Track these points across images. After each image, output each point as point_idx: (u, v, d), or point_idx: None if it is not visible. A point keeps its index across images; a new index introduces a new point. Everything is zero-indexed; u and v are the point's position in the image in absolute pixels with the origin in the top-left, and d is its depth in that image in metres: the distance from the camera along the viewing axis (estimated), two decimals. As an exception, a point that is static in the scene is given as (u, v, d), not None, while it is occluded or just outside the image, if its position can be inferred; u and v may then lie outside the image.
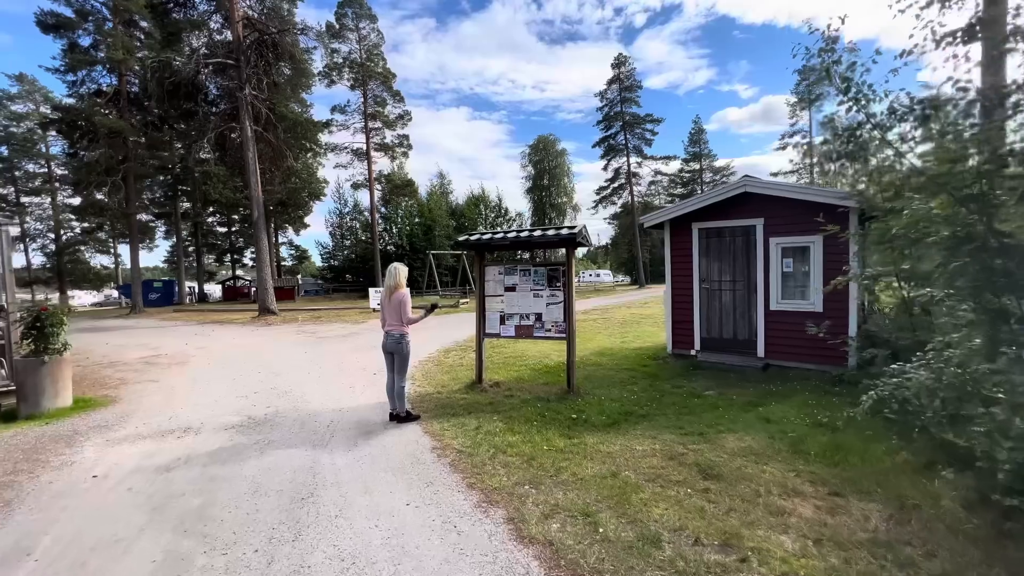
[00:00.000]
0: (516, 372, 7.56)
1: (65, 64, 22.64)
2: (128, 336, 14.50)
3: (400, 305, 4.93)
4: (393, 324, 5.02)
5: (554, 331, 6.24)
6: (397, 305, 4.95)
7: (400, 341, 4.98)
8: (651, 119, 41.35)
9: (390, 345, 5.02)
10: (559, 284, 6.23)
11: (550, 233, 5.91)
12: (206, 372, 8.38)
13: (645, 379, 6.82)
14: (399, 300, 4.94)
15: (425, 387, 6.72)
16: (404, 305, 4.93)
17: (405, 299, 4.94)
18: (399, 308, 4.94)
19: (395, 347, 4.99)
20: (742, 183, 7.05)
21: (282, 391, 6.76)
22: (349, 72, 33.22)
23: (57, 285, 39.97)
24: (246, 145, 18.54)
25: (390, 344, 5.01)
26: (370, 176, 35.23)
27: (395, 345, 4.99)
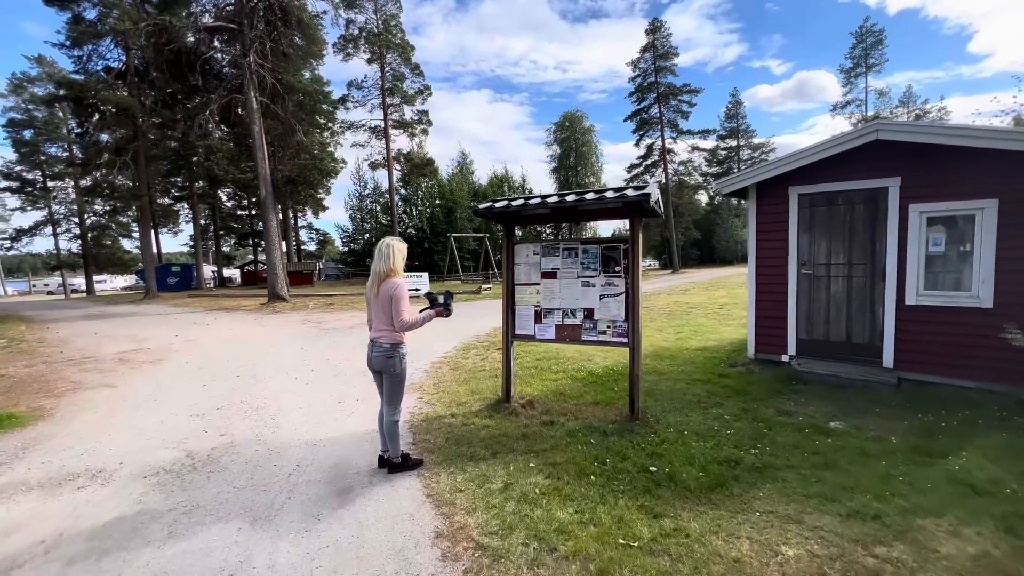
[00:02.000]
0: (553, 382, 5.86)
1: (70, 38, 21.56)
2: (122, 325, 13.41)
3: (392, 302, 3.26)
4: (381, 329, 3.36)
5: (611, 333, 4.50)
6: (387, 301, 3.28)
7: (391, 355, 3.33)
8: (688, 89, 38.18)
9: (377, 361, 3.37)
10: (618, 269, 4.45)
11: (609, 195, 4.11)
12: (177, 375, 6.97)
13: (730, 397, 5.03)
14: (390, 294, 3.27)
15: (435, 404, 5.09)
16: (397, 301, 3.25)
17: (399, 293, 3.27)
18: (390, 305, 3.27)
19: (383, 364, 3.35)
20: (872, 127, 5.06)
21: (252, 407, 5.25)
22: (365, 45, 31.44)
23: (83, 269, 40.20)
24: (251, 118, 17.12)
25: (377, 359, 3.37)
26: (388, 155, 33.66)
27: (383, 361, 3.34)
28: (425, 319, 3.38)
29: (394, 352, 3.32)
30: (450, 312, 3.52)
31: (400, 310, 3.24)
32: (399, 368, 3.35)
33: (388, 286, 3.27)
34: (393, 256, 3.33)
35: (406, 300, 3.30)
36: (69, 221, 39.22)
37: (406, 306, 3.28)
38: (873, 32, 37.05)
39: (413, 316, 3.30)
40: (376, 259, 3.36)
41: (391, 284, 3.27)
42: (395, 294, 3.24)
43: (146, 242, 24.28)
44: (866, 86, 36.79)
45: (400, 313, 3.23)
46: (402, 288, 3.28)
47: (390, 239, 3.40)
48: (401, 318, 3.23)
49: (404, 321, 3.23)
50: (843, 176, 5.43)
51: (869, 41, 37.51)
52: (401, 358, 3.35)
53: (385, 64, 32.16)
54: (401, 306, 3.25)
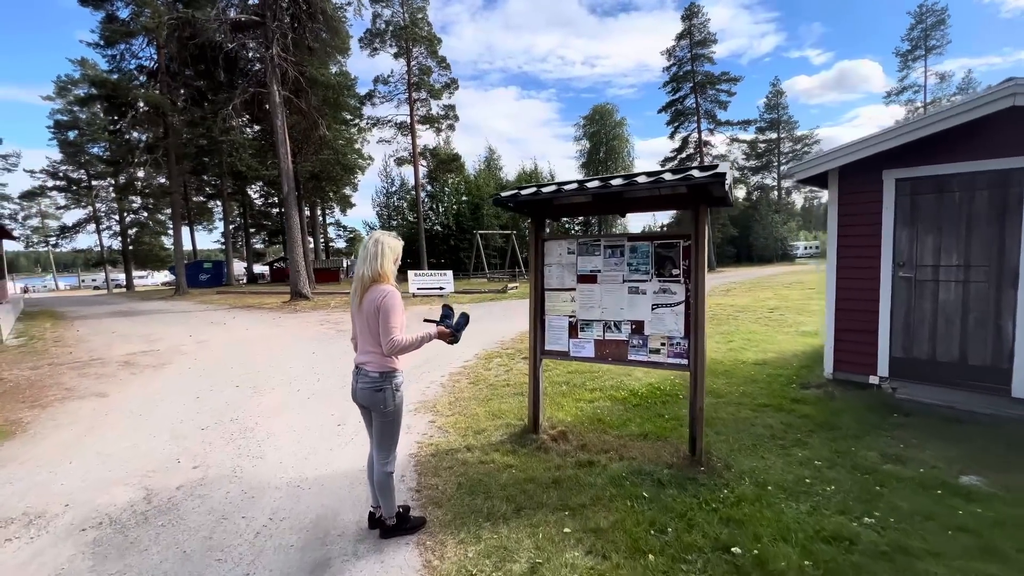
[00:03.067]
0: (589, 404, 4.97)
1: (103, 37, 21.83)
2: (142, 323, 13.22)
3: (380, 316, 2.43)
4: (368, 352, 2.55)
5: (666, 353, 3.58)
6: (373, 314, 2.46)
7: (380, 387, 2.52)
8: (727, 77, 36.13)
9: (362, 394, 2.57)
10: (676, 272, 3.53)
11: (669, 178, 3.18)
12: (175, 383, 6.42)
13: (814, 432, 4.03)
14: (376, 305, 2.44)
15: (449, 432, 4.28)
16: (387, 316, 2.42)
17: (389, 304, 2.43)
18: (377, 321, 2.46)
19: (370, 398, 2.54)
20: (1007, 89, 3.93)
21: (241, 427, 4.56)
22: (392, 39, 31.00)
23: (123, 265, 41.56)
24: (274, 112, 16.78)
25: (362, 392, 2.56)
26: (414, 150, 33.22)
27: (370, 395, 2.53)
28: (423, 340, 2.54)
29: (384, 383, 2.51)
30: (457, 340, 2.68)
31: (390, 327, 2.41)
32: (391, 404, 2.53)
33: (374, 295, 2.45)
34: (382, 256, 2.51)
35: (399, 313, 2.47)
36: (110, 219, 40.59)
37: (399, 321, 2.46)
38: (934, 11, 34.01)
39: (407, 335, 2.47)
40: (360, 260, 2.54)
41: (378, 292, 2.45)
42: (383, 305, 2.42)
43: (177, 239, 24.54)
44: (925, 70, 33.92)
45: (390, 331, 2.41)
46: (393, 298, 2.45)
47: (379, 234, 2.58)
48: (391, 338, 2.41)
49: (395, 342, 2.41)
50: (960, 155, 4.31)
51: (929, 21, 34.45)
52: (394, 391, 2.54)
53: (411, 58, 31.66)
54: (391, 321, 2.42)
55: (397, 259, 2.61)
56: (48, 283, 67.68)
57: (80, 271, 73.92)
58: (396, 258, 2.60)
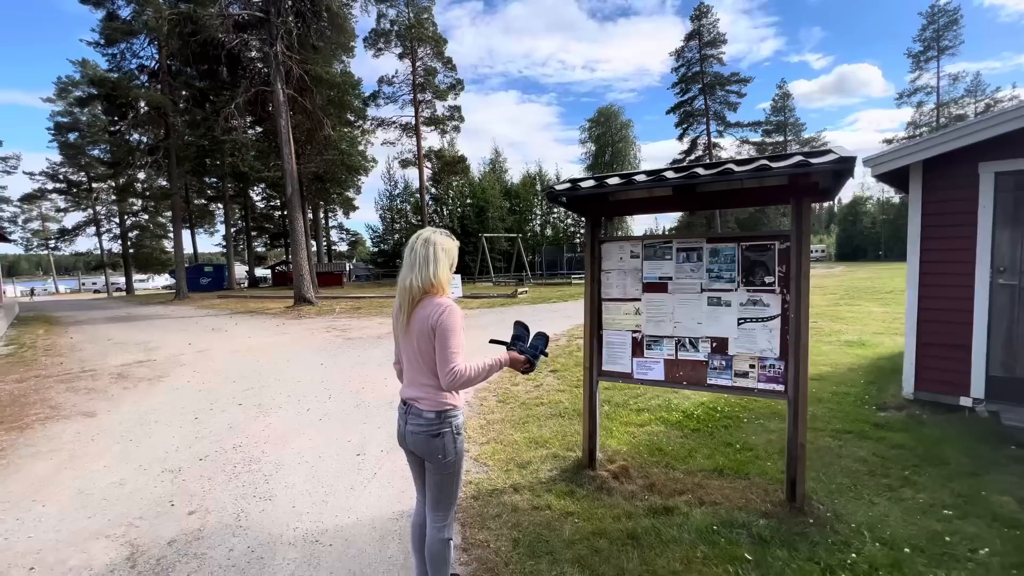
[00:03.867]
0: (640, 427, 4.37)
1: (103, 36, 21.37)
2: (140, 330, 12.63)
3: (437, 339, 1.84)
4: (420, 385, 1.94)
5: (757, 377, 2.98)
6: (425, 337, 1.86)
7: (438, 431, 1.91)
8: (737, 78, 35.62)
9: (414, 439, 1.95)
10: (770, 280, 2.93)
11: (780, 165, 2.57)
12: (171, 399, 5.82)
13: (917, 466, 3.42)
14: (431, 324, 1.84)
15: (488, 465, 3.68)
16: (446, 338, 1.82)
17: (448, 324, 1.83)
18: (432, 346, 1.86)
19: (425, 446, 1.93)
20: None
21: (246, 457, 3.97)
22: (396, 39, 30.54)
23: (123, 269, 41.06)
24: (278, 111, 16.25)
25: (414, 437, 1.95)
26: (419, 152, 32.70)
27: (425, 442, 1.92)
28: (492, 369, 1.94)
29: (442, 426, 1.91)
30: (533, 368, 2.10)
31: (450, 353, 1.81)
32: (452, 452, 1.94)
33: (428, 311, 1.86)
34: (435, 261, 1.91)
35: (460, 334, 1.86)
36: (110, 221, 40.11)
37: (460, 344, 1.86)
38: (946, 11, 33.47)
39: (472, 363, 1.87)
40: (406, 266, 1.93)
41: (433, 307, 1.86)
42: (441, 325, 1.82)
43: (177, 242, 23.99)
44: (938, 71, 33.34)
45: (450, 359, 1.81)
46: (452, 315, 1.84)
47: (429, 232, 1.98)
48: (452, 367, 1.81)
49: (457, 373, 1.81)
50: (1080, 144, 3.72)
51: (942, 21, 33.87)
52: (454, 435, 1.94)
53: (416, 58, 31.20)
54: (451, 344, 1.82)
55: (453, 264, 2.02)
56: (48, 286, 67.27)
57: (81, 275, 73.64)
58: (452, 263, 2.01)
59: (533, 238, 44.19)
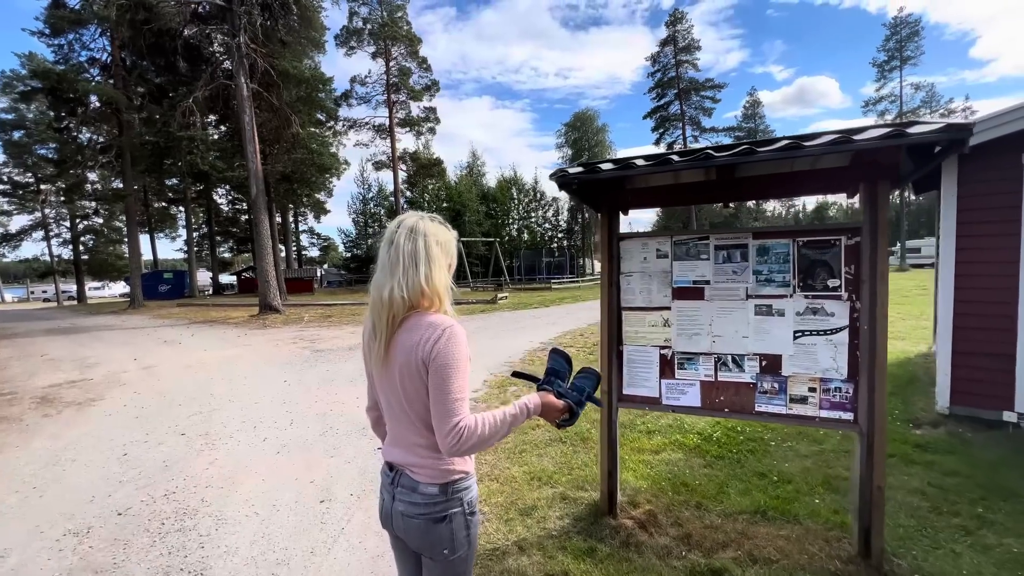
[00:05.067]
0: (655, 455, 3.79)
1: (49, 25, 19.80)
2: (82, 343, 11.42)
3: (432, 378, 1.17)
4: (411, 444, 1.27)
5: (819, 401, 2.43)
6: (414, 375, 1.19)
7: (440, 516, 1.23)
8: (712, 84, 36.07)
9: (407, 528, 1.27)
10: (834, 283, 2.39)
11: (865, 137, 2.01)
12: (100, 428, 4.94)
13: (983, 499, 2.94)
14: (423, 358, 1.17)
15: (485, 512, 3.01)
16: (448, 378, 1.16)
17: (451, 357, 1.17)
18: (424, 386, 1.19)
19: (421, 537, 1.25)
20: None
21: (180, 508, 3.18)
22: (369, 38, 29.60)
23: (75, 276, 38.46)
24: (241, 107, 15.20)
25: (407, 523, 1.27)
26: (393, 154, 31.75)
27: (422, 532, 1.24)
28: (517, 420, 1.26)
29: (450, 504, 1.24)
30: (571, 422, 1.45)
31: (452, 401, 1.15)
32: (462, 544, 1.26)
33: (417, 336, 1.19)
34: (428, 258, 1.25)
35: (465, 371, 1.21)
36: (60, 225, 37.52)
37: (466, 385, 1.21)
38: (908, 23, 34.77)
39: (488, 415, 1.21)
40: (383, 267, 1.26)
41: (426, 331, 1.19)
42: (439, 359, 1.16)
43: (133, 246, 22.38)
44: (900, 81, 34.53)
45: (453, 410, 1.15)
46: (455, 342, 1.18)
47: (416, 218, 1.30)
48: (457, 423, 1.14)
49: (465, 431, 1.14)
50: None
51: (904, 32, 35.08)
52: (467, 516, 1.27)
53: (390, 58, 30.31)
54: (454, 387, 1.16)
55: (452, 264, 1.36)
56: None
57: (30, 283, 69.14)
58: (452, 263, 1.35)
59: (511, 242, 43.67)
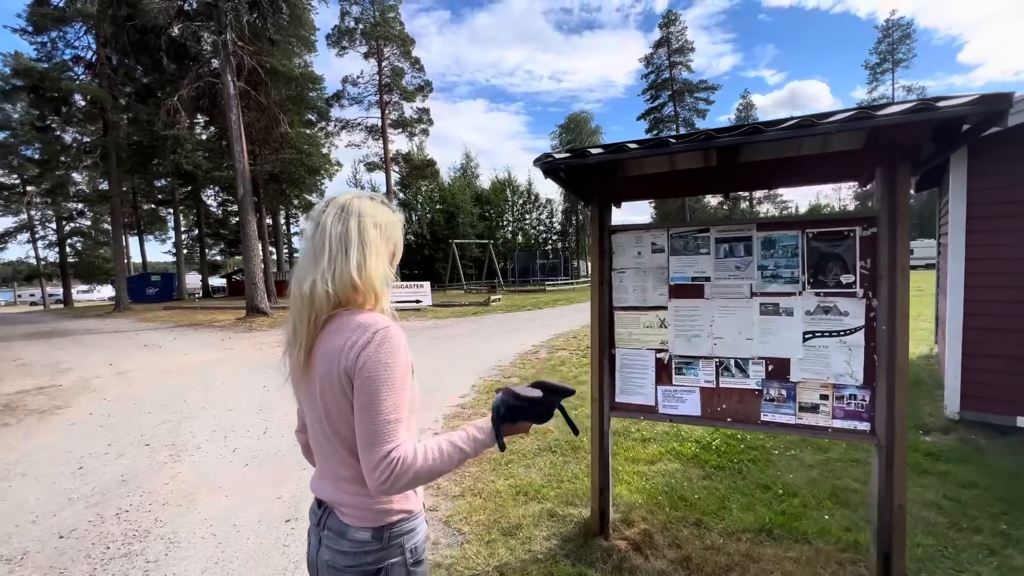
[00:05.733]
0: (650, 465, 3.54)
1: (31, 22, 19.39)
2: (59, 347, 11.04)
3: (358, 395, 0.91)
4: (339, 478, 1.01)
5: (832, 410, 2.19)
6: (338, 390, 0.94)
7: (379, 569, 0.98)
8: (706, 86, 36.10)
9: None
10: (848, 279, 2.16)
11: (888, 112, 1.79)
12: (59, 441, 4.63)
13: (1006, 514, 2.71)
14: (346, 368, 0.92)
15: (464, 534, 2.74)
16: (377, 395, 0.90)
17: (383, 367, 0.91)
18: (348, 403, 0.94)
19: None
20: None
21: (128, 531, 2.90)
22: (361, 38, 29.32)
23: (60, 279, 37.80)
24: (228, 105, 14.88)
25: (332, 573, 1.01)
26: (386, 155, 31.44)
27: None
28: (465, 452, 0.97)
29: (387, 552, 0.98)
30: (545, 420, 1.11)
31: (382, 422, 0.89)
32: None
33: (342, 341, 0.93)
34: (362, 243, 0.99)
35: (403, 384, 0.94)
36: (46, 227, 36.85)
37: (402, 403, 0.93)
38: (900, 26, 34.97)
39: (432, 443, 0.95)
40: (306, 255, 1.01)
41: (354, 332, 0.93)
42: (367, 368, 0.90)
43: (117, 248, 21.94)
44: (893, 83, 34.71)
45: (384, 435, 0.88)
46: (389, 347, 0.92)
47: (349, 197, 1.04)
48: (388, 452, 0.87)
49: (397, 463, 0.87)
50: None
51: (896, 35, 35.31)
52: (407, 572, 1.00)
53: (383, 58, 30.04)
54: (384, 406, 0.89)
55: (396, 251, 1.11)
56: (-22, 299, 62.02)
57: (17, 286, 68.06)
58: (395, 251, 1.10)
59: (505, 244, 43.45)
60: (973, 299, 3.85)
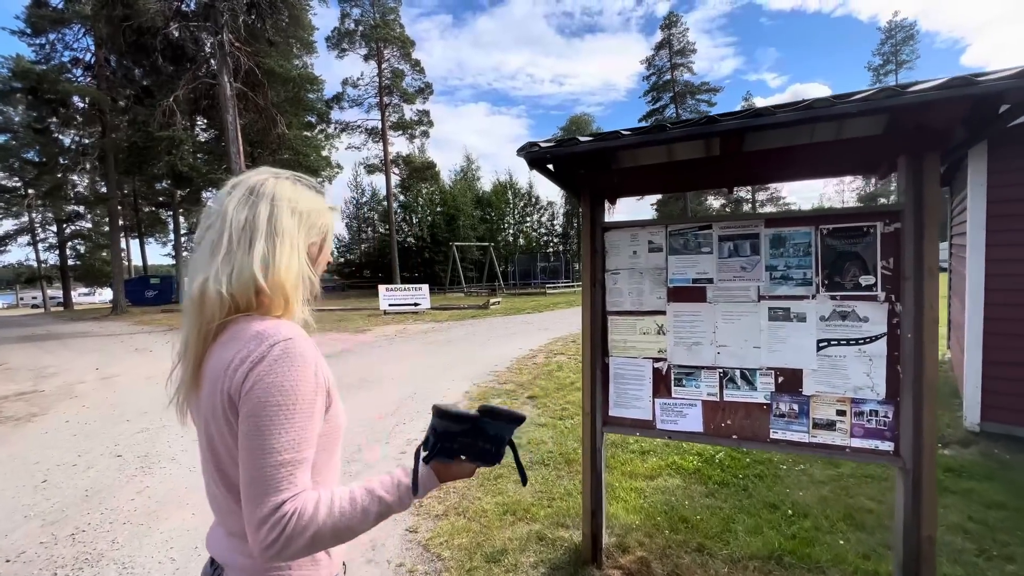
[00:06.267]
0: (649, 481, 3.31)
1: (29, 24, 19.34)
2: (47, 351, 10.86)
3: (243, 422, 0.68)
4: (227, 534, 0.80)
5: (851, 428, 1.95)
6: (220, 418, 0.72)
7: None
8: (708, 88, 35.88)
9: None
10: (869, 280, 1.92)
11: (920, 88, 1.57)
12: (27, 449, 4.42)
13: (1042, 540, 2.46)
14: (229, 390, 0.69)
15: (444, 559, 2.51)
16: (267, 427, 0.67)
17: (277, 392, 0.69)
18: (233, 437, 0.72)
19: None
20: None
21: (82, 555, 2.67)
22: (361, 39, 29.23)
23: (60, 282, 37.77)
24: (224, 106, 14.74)
25: None
26: (386, 158, 31.31)
27: None
28: (387, 503, 0.75)
29: None
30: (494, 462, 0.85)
31: (273, 464, 0.67)
32: None
33: (231, 354, 0.72)
34: (274, 232, 0.79)
35: (305, 418, 0.70)
36: (46, 230, 36.84)
37: (302, 440, 0.70)
38: (903, 27, 34.73)
39: (339, 493, 0.72)
40: (202, 247, 0.79)
41: (246, 345, 0.72)
42: (255, 393, 0.68)
43: (115, 250, 21.80)
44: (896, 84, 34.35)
45: (273, 485, 0.66)
46: (288, 365, 0.70)
47: (264, 176, 0.84)
48: (276, 504, 0.66)
49: (286, 517, 0.65)
50: None
51: (899, 36, 35.10)
52: None
53: (383, 60, 29.94)
54: (275, 441, 0.67)
55: (324, 247, 0.90)
56: (-21, 301, 62.16)
57: (19, 289, 68.15)
58: (322, 244, 0.89)
59: (506, 247, 43.26)
60: (994, 303, 3.61)
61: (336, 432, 0.82)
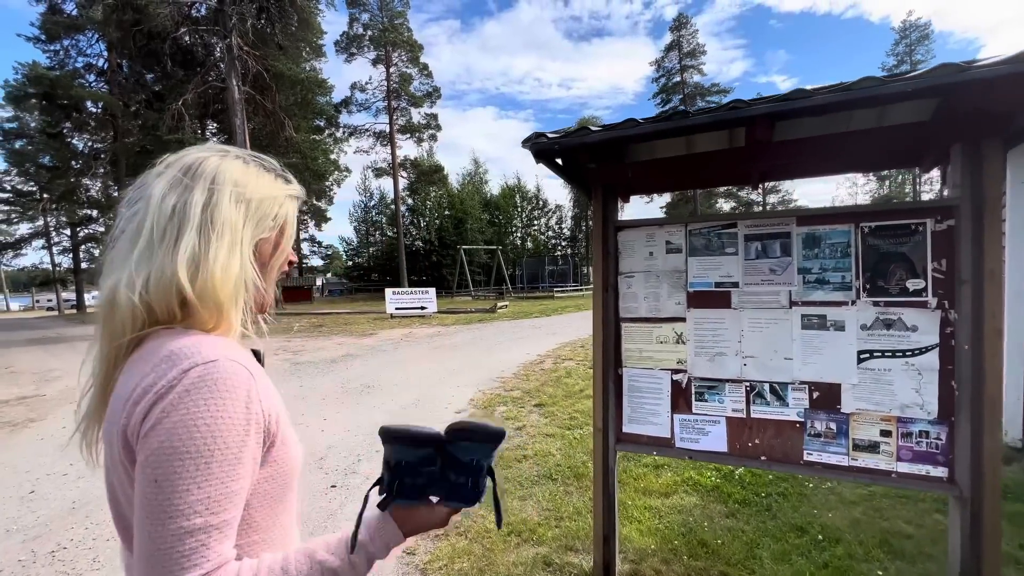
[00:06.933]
0: (664, 499, 3.09)
1: (44, 31, 19.61)
2: (54, 355, 10.86)
3: (140, 472, 0.50)
4: None
5: (897, 451, 1.73)
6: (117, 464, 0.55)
7: None
8: (718, 89, 35.50)
9: None
10: (919, 285, 1.70)
11: (987, 64, 1.38)
12: (20, 456, 4.31)
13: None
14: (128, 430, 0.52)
15: (437, 574, 2.32)
16: (169, 481, 0.49)
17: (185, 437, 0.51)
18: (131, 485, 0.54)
19: None
20: None
21: (60, 573, 2.52)
22: (370, 44, 29.34)
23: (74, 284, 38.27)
24: (232, 109, 14.79)
25: None
26: (394, 161, 31.35)
27: None
28: (332, 569, 0.57)
29: None
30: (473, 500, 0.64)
31: (173, 531, 0.49)
32: None
33: (134, 382, 0.54)
34: (211, 225, 0.62)
35: (223, 471, 0.52)
36: (60, 233, 37.35)
37: (219, 496, 0.52)
38: (918, 27, 34.19)
39: (272, 564, 0.55)
40: (121, 242, 0.62)
41: (158, 368, 0.54)
42: (153, 439, 0.51)
43: (126, 254, 21.96)
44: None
45: (179, 555, 0.49)
46: (206, 406, 0.52)
47: (200, 154, 0.65)
48: None
49: None
50: None
51: (914, 36, 34.54)
52: None
53: (391, 64, 30.02)
54: (178, 501, 0.50)
55: (283, 244, 0.73)
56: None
57: (35, 291, 69.32)
58: (279, 241, 0.72)
59: (514, 251, 43.13)
60: (1037, 309, 3.35)
61: (285, 477, 0.64)
